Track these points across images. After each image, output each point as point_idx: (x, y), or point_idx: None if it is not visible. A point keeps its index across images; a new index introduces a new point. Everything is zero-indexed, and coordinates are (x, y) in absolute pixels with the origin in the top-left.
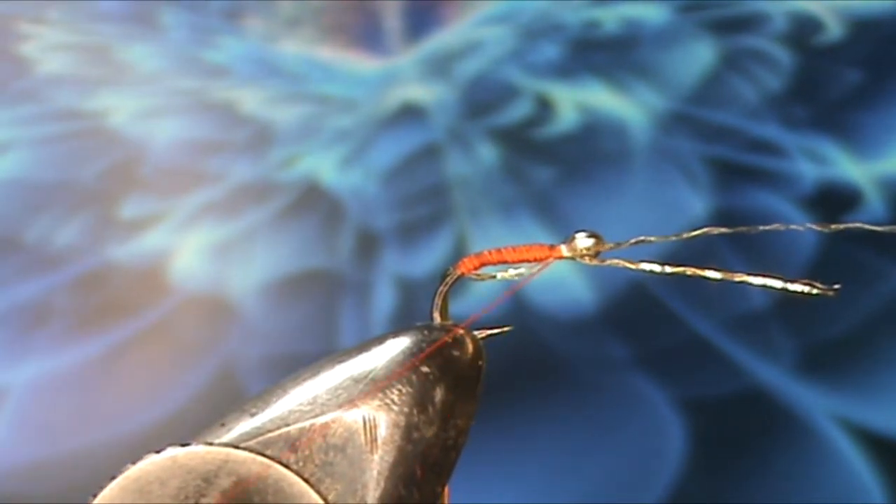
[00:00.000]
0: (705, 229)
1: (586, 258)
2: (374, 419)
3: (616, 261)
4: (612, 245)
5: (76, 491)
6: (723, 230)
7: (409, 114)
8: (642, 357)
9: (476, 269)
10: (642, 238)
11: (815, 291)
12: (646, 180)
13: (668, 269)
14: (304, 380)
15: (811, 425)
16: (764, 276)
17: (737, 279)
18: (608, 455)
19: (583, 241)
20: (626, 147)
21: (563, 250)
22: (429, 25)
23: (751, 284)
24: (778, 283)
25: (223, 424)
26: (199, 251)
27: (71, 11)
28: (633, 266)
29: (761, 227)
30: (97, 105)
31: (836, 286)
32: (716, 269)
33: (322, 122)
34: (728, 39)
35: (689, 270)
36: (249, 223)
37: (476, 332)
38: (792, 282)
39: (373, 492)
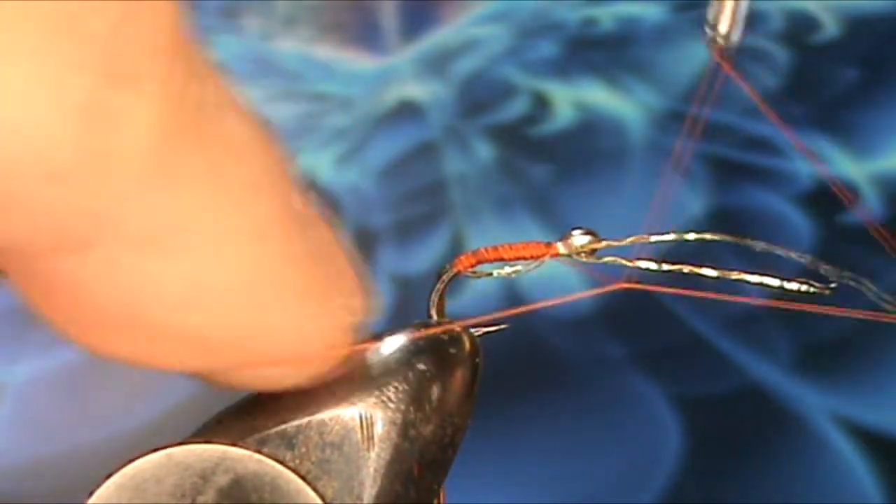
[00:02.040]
0: (706, 235)
1: (583, 256)
2: (371, 416)
3: (613, 259)
4: (608, 243)
5: (73, 489)
6: (726, 237)
7: (406, 112)
8: (639, 355)
9: (472, 266)
10: (639, 237)
11: (811, 290)
12: (643, 178)
13: (665, 267)
14: None
15: (809, 424)
16: (761, 274)
17: (733, 277)
18: (605, 454)
19: (579, 239)
20: (623, 145)
21: (560, 248)
22: (426, 24)
23: (747, 283)
24: (775, 282)
25: (220, 422)
26: None
27: None
28: (629, 264)
29: (759, 247)
30: None
31: (833, 285)
32: (713, 268)
33: (319, 121)
34: None
35: (686, 269)
36: None
37: (473, 330)
38: (788, 280)
39: (369, 489)
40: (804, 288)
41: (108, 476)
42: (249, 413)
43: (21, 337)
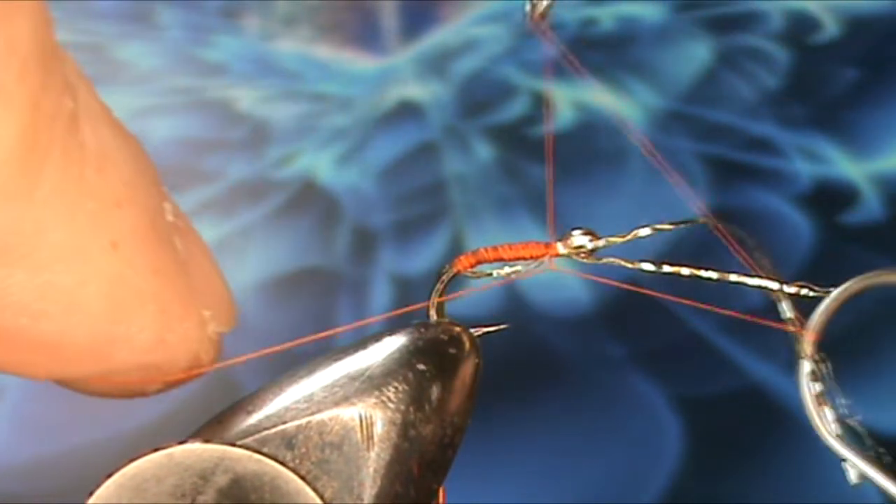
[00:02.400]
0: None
1: (582, 256)
2: (371, 417)
3: (612, 259)
4: (607, 240)
5: (73, 489)
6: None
7: (406, 112)
8: (639, 355)
9: (472, 266)
10: (641, 231)
11: (810, 294)
12: (642, 178)
13: (666, 268)
14: (301, 377)
15: (808, 424)
16: (760, 277)
17: (732, 280)
18: (605, 454)
19: (579, 239)
20: (623, 145)
21: (560, 248)
22: (425, 24)
23: (746, 286)
24: (774, 286)
25: (220, 422)
26: None
27: (68, 10)
28: (629, 265)
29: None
30: None
31: (832, 290)
32: (712, 270)
33: (319, 121)
34: (724, 38)
35: (686, 270)
36: (246, 221)
37: (472, 330)
38: (787, 284)
39: (369, 489)
40: (803, 291)
41: (109, 476)
42: (249, 413)
43: None
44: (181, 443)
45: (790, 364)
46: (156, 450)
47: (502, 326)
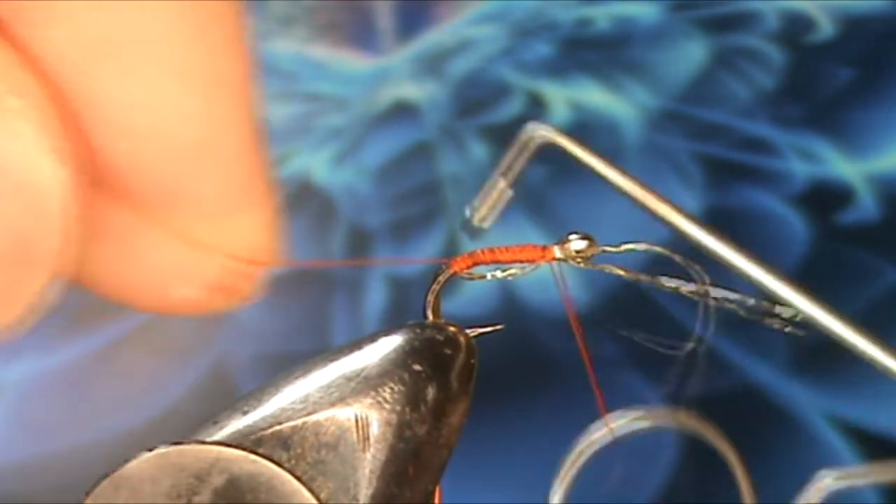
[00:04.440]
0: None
1: (578, 261)
2: (367, 417)
3: (608, 266)
4: (604, 249)
5: (69, 489)
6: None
7: (402, 112)
8: (634, 355)
9: (468, 268)
10: (637, 245)
11: (786, 329)
12: (638, 178)
13: (665, 281)
14: (297, 378)
15: (804, 424)
16: (747, 294)
17: (732, 298)
18: (599, 453)
19: (576, 244)
20: (619, 145)
21: (556, 252)
22: (421, 24)
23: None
24: (779, 311)
25: (216, 422)
26: None
27: None
28: (624, 274)
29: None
30: None
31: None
32: (714, 286)
33: (314, 121)
34: (720, 37)
35: (685, 290)
36: None
37: (468, 331)
38: (782, 305)
39: (365, 490)
40: (781, 326)
41: (105, 476)
42: (245, 413)
43: (17, 337)
44: (177, 443)
45: (786, 363)
46: (151, 450)
47: (498, 327)
